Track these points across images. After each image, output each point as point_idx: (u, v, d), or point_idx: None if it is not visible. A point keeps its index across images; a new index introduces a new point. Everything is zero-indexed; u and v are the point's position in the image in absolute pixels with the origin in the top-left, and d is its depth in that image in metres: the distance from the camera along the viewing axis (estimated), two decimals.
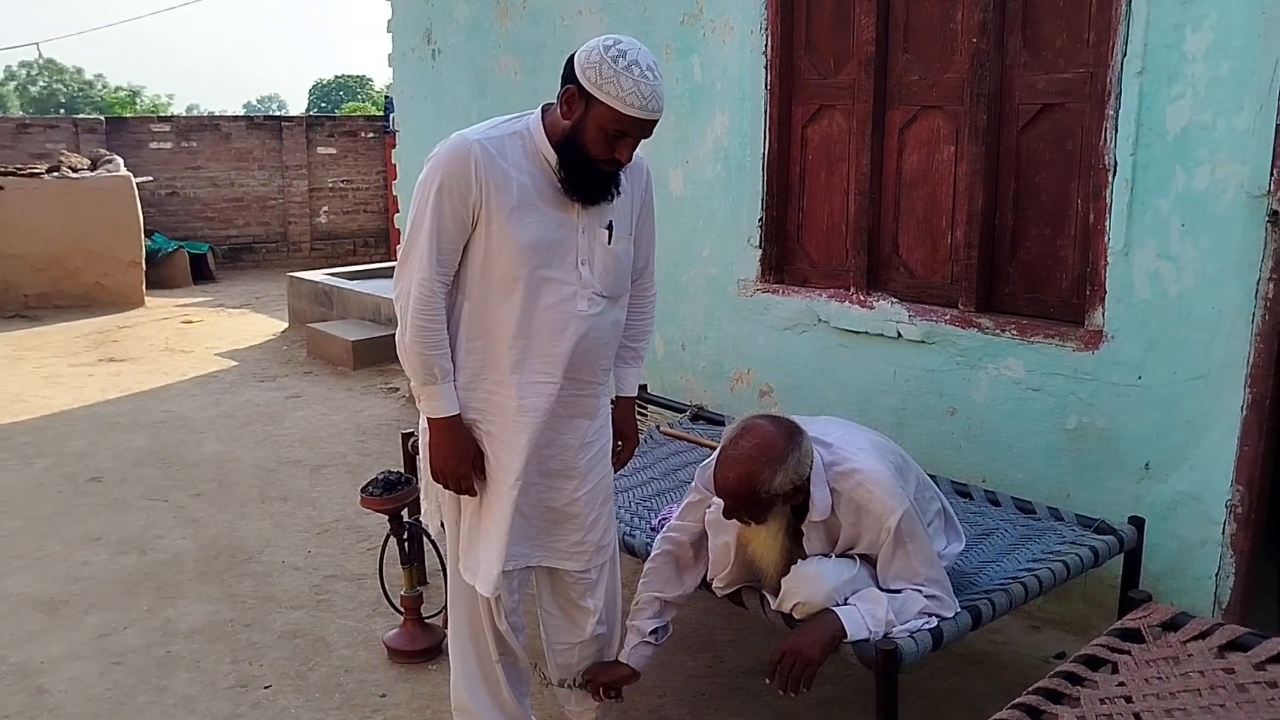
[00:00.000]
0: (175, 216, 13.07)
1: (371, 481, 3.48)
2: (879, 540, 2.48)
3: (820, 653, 2.40)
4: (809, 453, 2.43)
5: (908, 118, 3.91)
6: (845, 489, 2.46)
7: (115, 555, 4.31)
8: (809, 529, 2.51)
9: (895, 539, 2.44)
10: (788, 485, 2.39)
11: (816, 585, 2.47)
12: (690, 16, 4.57)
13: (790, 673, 2.41)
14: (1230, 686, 2.15)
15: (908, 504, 2.46)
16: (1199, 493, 3.18)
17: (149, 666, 3.42)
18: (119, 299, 10.28)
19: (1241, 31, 2.94)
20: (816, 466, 2.45)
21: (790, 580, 2.51)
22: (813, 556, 2.54)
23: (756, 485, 2.37)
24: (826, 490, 2.46)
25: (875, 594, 2.47)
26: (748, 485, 2.37)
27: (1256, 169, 2.94)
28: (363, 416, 6.36)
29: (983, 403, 3.68)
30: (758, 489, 2.37)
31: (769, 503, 2.41)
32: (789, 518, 2.51)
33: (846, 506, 2.47)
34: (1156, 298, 3.21)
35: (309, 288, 8.98)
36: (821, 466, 2.47)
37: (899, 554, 2.47)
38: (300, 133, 13.82)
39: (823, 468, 2.47)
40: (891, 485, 2.46)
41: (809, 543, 2.54)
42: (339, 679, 3.33)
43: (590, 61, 2.25)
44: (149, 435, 6.00)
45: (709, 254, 4.63)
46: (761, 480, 2.36)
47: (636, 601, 2.81)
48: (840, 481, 2.47)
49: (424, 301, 2.38)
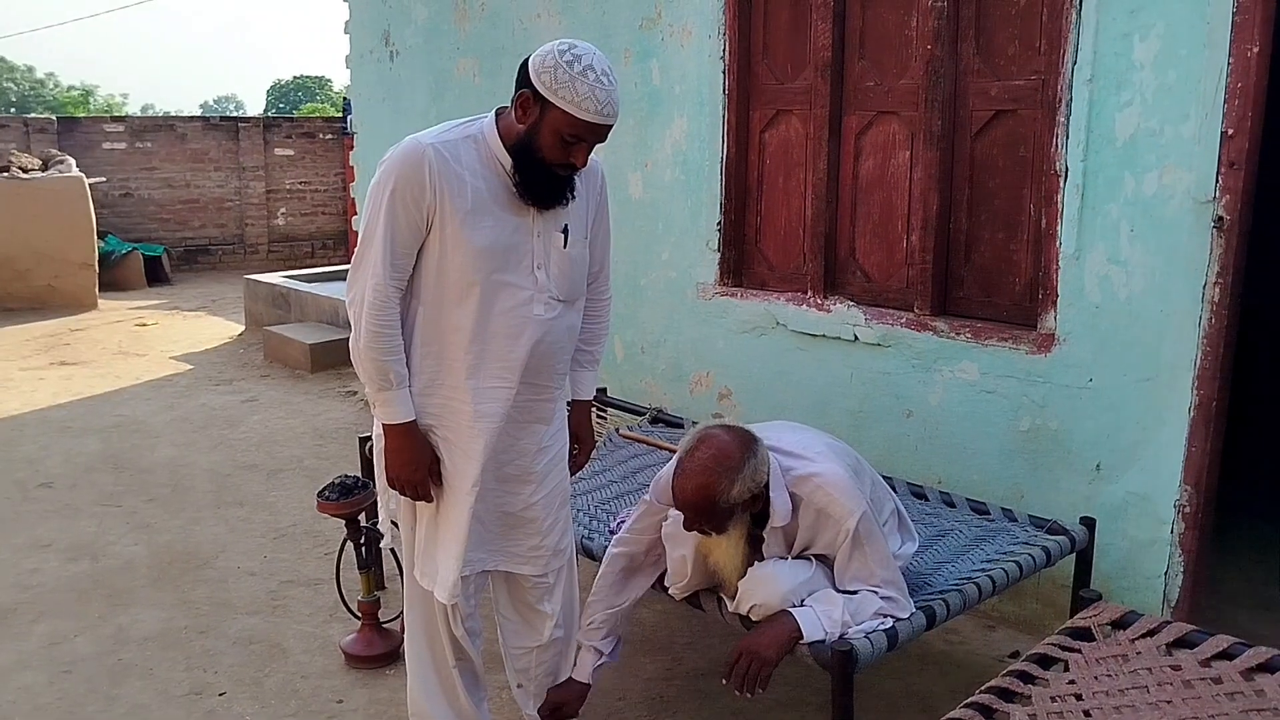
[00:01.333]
0: (129, 218, 12.89)
1: (328, 486, 3.45)
2: (836, 542, 2.50)
3: (776, 653, 2.42)
4: (765, 460, 2.44)
5: (864, 123, 3.95)
6: (804, 493, 2.48)
7: (66, 562, 4.24)
8: (769, 535, 2.52)
9: (853, 541, 2.46)
10: (745, 494, 2.40)
11: (773, 587, 2.49)
12: (649, 21, 4.58)
13: (746, 673, 2.43)
14: (1177, 683, 2.19)
15: (865, 506, 2.48)
16: (1148, 493, 3.24)
17: (100, 675, 3.37)
18: (71, 301, 10.12)
19: (1188, 40, 3.00)
20: (775, 472, 2.46)
21: (747, 582, 2.52)
22: (769, 559, 2.56)
23: (715, 496, 2.37)
24: (786, 495, 2.47)
25: (831, 595, 2.50)
26: (706, 496, 2.38)
27: (1202, 175, 3.00)
28: (320, 420, 6.31)
29: (938, 405, 3.72)
30: (716, 500, 2.38)
31: (728, 513, 2.41)
32: (749, 525, 2.51)
33: (805, 510, 2.49)
34: (1107, 301, 3.26)
35: (266, 290, 8.89)
36: (780, 472, 2.48)
37: (856, 555, 2.49)
38: (258, 134, 13.67)
39: (780, 473, 2.48)
40: (849, 488, 2.48)
41: (767, 547, 2.55)
42: (295, 685, 3.30)
43: (545, 66, 2.24)
44: (101, 440, 5.91)
45: (668, 257, 4.65)
46: (719, 491, 2.37)
47: (589, 620, 2.81)
48: (799, 485, 2.49)
49: (378, 307, 2.36)
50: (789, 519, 2.47)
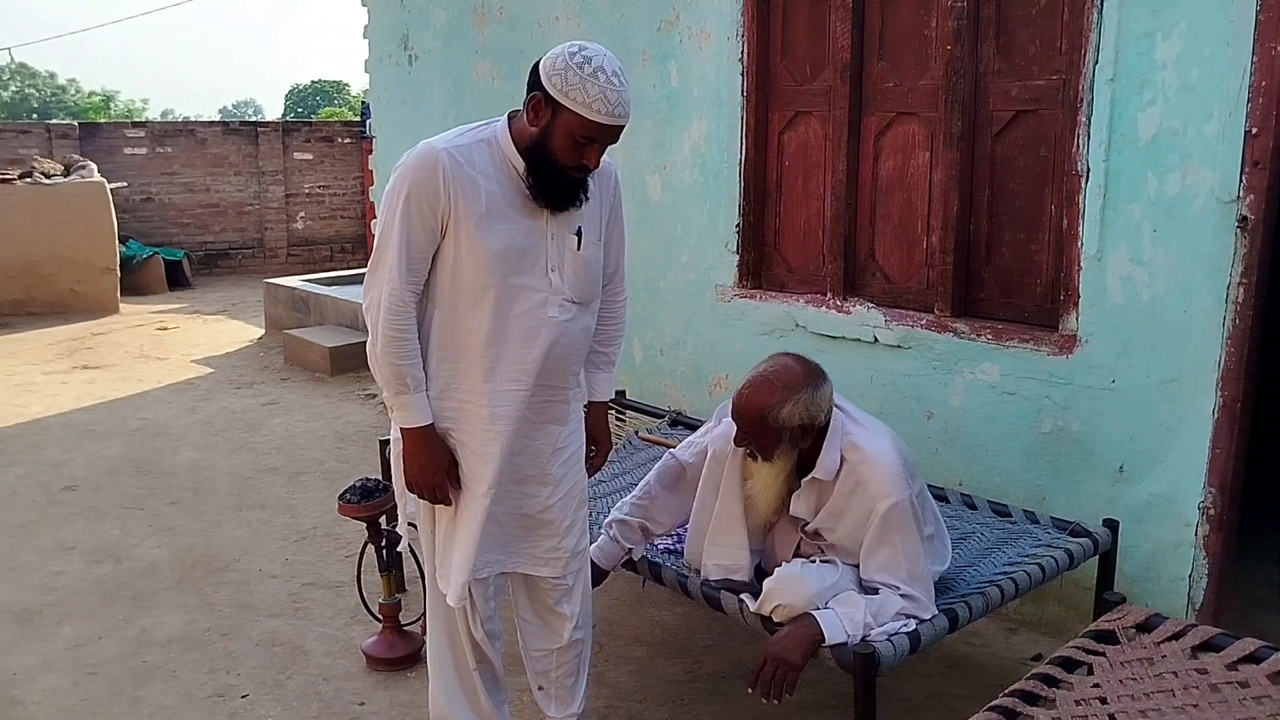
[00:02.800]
0: (150, 223, 12.97)
1: (349, 489, 3.47)
2: (864, 522, 2.50)
3: (801, 657, 2.42)
4: (827, 399, 2.51)
5: (883, 124, 3.93)
6: (853, 460, 2.52)
7: (90, 564, 4.27)
8: (806, 486, 2.58)
9: (884, 523, 2.48)
10: (795, 419, 2.46)
11: (799, 588, 2.50)
12: (667, 23, 4.58)
13: (773, 679, 2.42)
14: (1203, 687, 2.18)
15: (908, 496, 2.49)
16: (1172, 495, 3.22)
17: (124, 677, 3.39)
18: (93, 306, 10.19)
19: (1211, 39, 2.98)
20: (835, 427, 2.53)
21: (772, 582, 2.54)
22: (795, 560, 2.58)
23: (765, 409, 2.46)
24: (838, 454, 2.52)
25: (853, 597, 2.49)
26: (758, 407, 2.47)
27: (1226, 175, 2.98)
28: (340, 423, 6.33)
29: (959, 407, 3.70)
30: (765, 413, 2.46)
31: (776, 433, 2.48)
32: (793, 466, 2.55)
33: (847, 477, 2.52)
34: (1129, 302, 3.24)
35: (286, 294, 8.94)
36: (840, 431, 2.54)
37: (885, 544, 2.50)
38: (277, 138, 13.74)
39: (840, 433, 2.54)
40: (897, 473, 2.50)
41: (797, 500, 2.60)
42: (317, 687, 3.32)
43: (556, 68, 2.25)
44: (124, 443, 5.95)
45: (687, 259, 4.64)
46: (772, 405, 2.46)
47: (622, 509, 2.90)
48: (850, 451, 2.53)
49: (395, 311, 2.37)
50: (832, 476, 2.53)
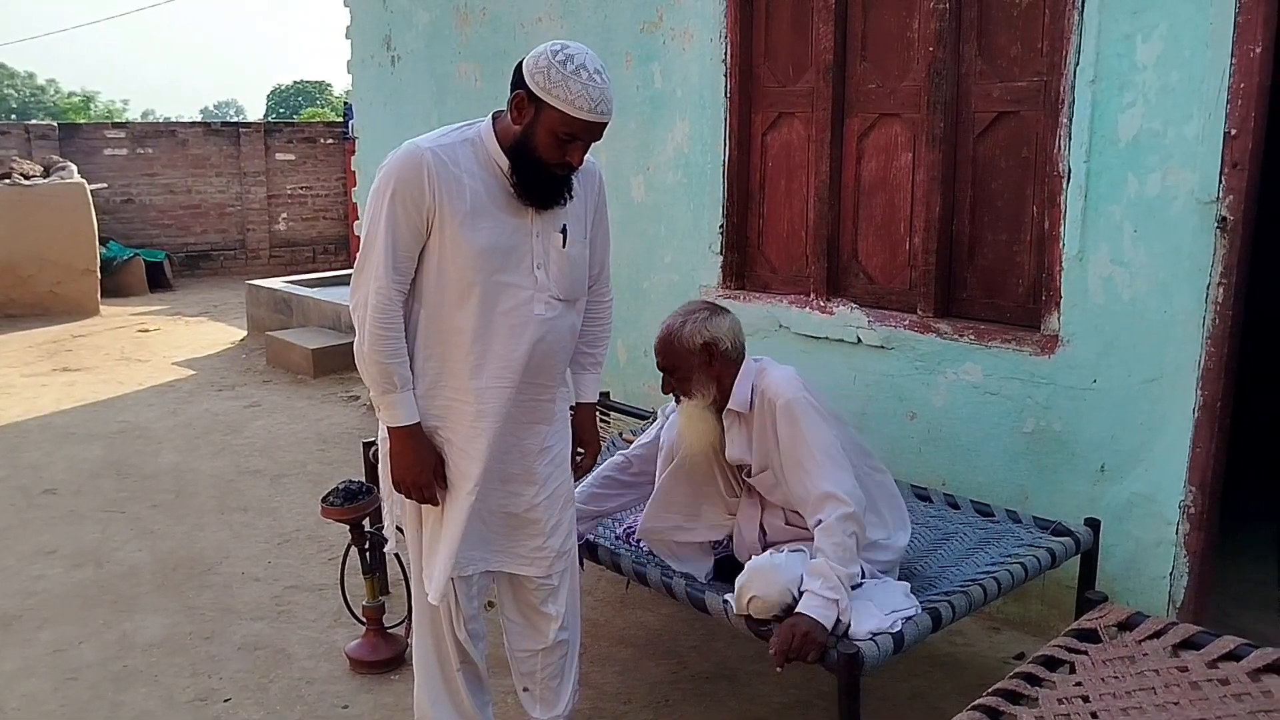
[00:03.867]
0: (131, 224, 12.90)
1: (332, 491, 3.45)
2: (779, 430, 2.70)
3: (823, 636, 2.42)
4: (727, 326, 2.80)
5: (866, 125, 3.95)
6: (761, 388, 2.77)
7: (70, 568, 4.24)
8: (728, 421, 2.82)
9: (785, 420, 2.68)
10: (698, 338, 2.77)
11: (771, 579, 2.54)
12: (650, 24, 4.58)
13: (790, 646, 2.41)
14: (1184, 684, 2.19)
15: (801, 395, 2.71)
16: (1153, 494, 3.24)
17: (105, 681, 3.37)
18: (73, 307, 10.12)
19: (1190, 41, 3.00)
20: (749, 368, 2.81)
21: (745, 575, 2.60)
22: (766, 552, 2.68)
23: (669, 331, 2.80)
24: (749, 387, 2.78)
25: (814, 565, 2.53)
26: (665, 335, 2.81)
27: (1205, 176, 3.00)
28: (323, 425, 6.31)
29: (942, 407, 3.72)
30: (670, 336, 2.79)
31: (685, 356, 2.78)
32: (714, 400, 2.82)
33: (760, 406, 2.76)
34: (1110, 302, 3.26)
35: (268, 295, 8.90)
36: (754, 371, 2.81)
37: (796, 443, 2.66)
38: (258, 139, 13.68)
39: (754, 373, 2.80)
40: (789, 381, 2.75)
41: (731, 445, 2.83)
42: (300, 690, 3.30)
43: (539, 66, 2.26)
44: (105, 446, 5.92)
45: (670, 260, 4.65)
46: (674, 329, 2.80)
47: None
48: (758, 379, 2.79)
49: (381, 310, 2.37)
50: (745, 408, 2.77)
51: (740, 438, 2.82)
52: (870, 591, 2.63)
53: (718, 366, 2.78)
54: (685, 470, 2.95)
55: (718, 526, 2.98)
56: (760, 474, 2.82)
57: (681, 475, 2.96)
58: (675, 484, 2.97)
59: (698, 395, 2.81)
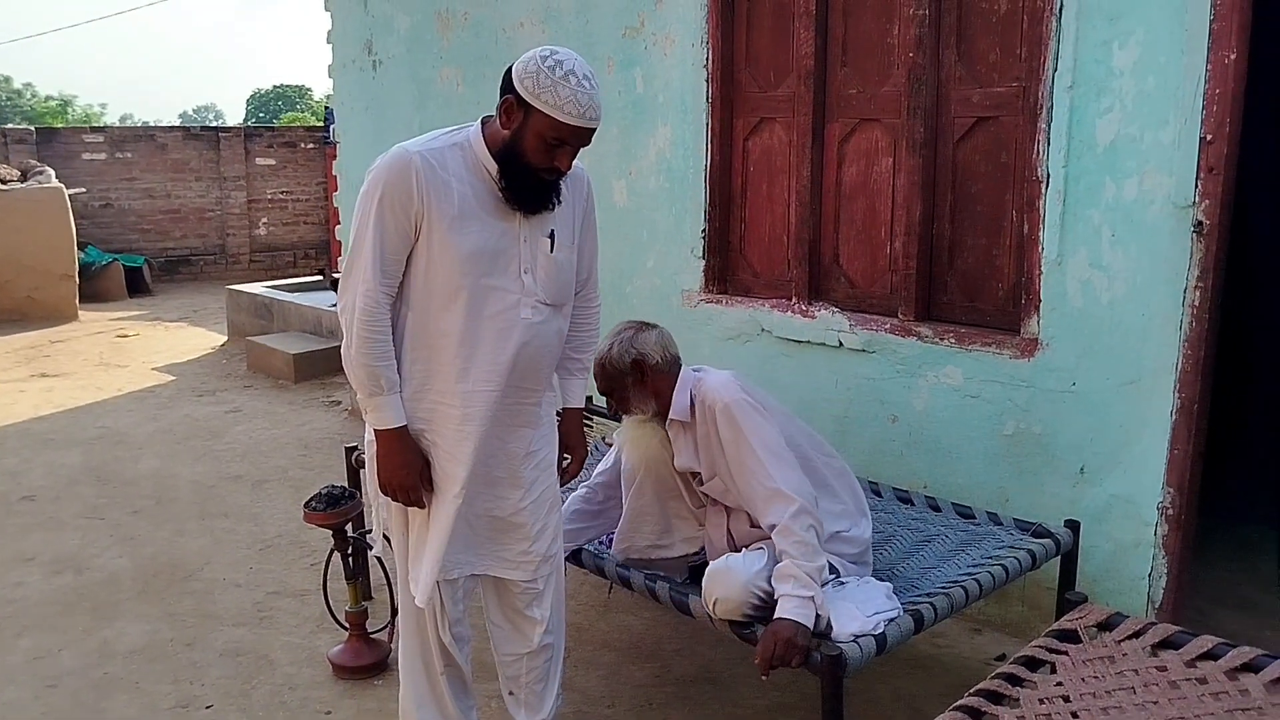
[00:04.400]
0: (109, 229, 12.82)
1: (315, 496, 3.44)
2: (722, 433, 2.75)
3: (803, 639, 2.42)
4: (653, 341, 2.87)
5: (847, 130, 3.97)
6: (699, 395, 2.83)
7: (50, 575, 4.21)
8: (672, 431, 2.88)
9: (727, 423, 2.74)
10: (626, 357, 2.85)
11: (731, 579, 2.58)
12: (632, 29, 4.60)
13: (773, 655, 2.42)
14: (1163, 684, 2.21)
15: (740, 397, 2.77)
16: (1132, 495, 3.27)
17: (86, 689, 3.34)
18: (51, 313, 10.06)
19: (1166, 47, 3.04)
20: (685, 378, 2.87)
21: (707, 580, 2.63)
22: (724, 555, 2.72)
23: (601, 358, 2.88)
24: (687, 396, 2.84)
25: (781, 569, 2.55)
26: (598, 361, 2.88)
27: (1182, 180, 3.03)
28: (305, 430, 6.29)
29: (923, 410, 3.74)
30: (603, 362, 2.88)
31: (618, 378, 2.87)
32: (655, 413, 2.89)
33: (699, 408, 2.82)
34: (1089, 306, 3.29)
35: (248, 300, 8.87)
36: (690, 380, 2.86)
37: (740, 445, 2.71)
38: (238, 143, 13.63)
39: (690, 381, 2.86)
40: (726, 384, 2.80)
41: (677, 446, 2.89)
42: (283, 697, 3.29)
43: (528, 71, 2.27)
44: (84, 452, 5.88)
45: (653, 265, 4.66)
46: (604, 353, 2.88)
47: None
48: (696, 388, 2.85)
49: (369, 313, 2.37)
50: (685, 416, 2.84)
51: (686, 447, 2.88)
52: (852, 593, 2.65)
53: (651, 381, 2.86)
54: (650, 488, 2.99)
55: (692, 540, 3.01)
56: (710, 481, 2.88)
57: (647, 494, 3.00)
58: (642, 504, 3.01)
59: (638, 411, 2.91)
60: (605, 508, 3.20)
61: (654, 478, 2.98)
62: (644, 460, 2.96)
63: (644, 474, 2.98)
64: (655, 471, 2.97)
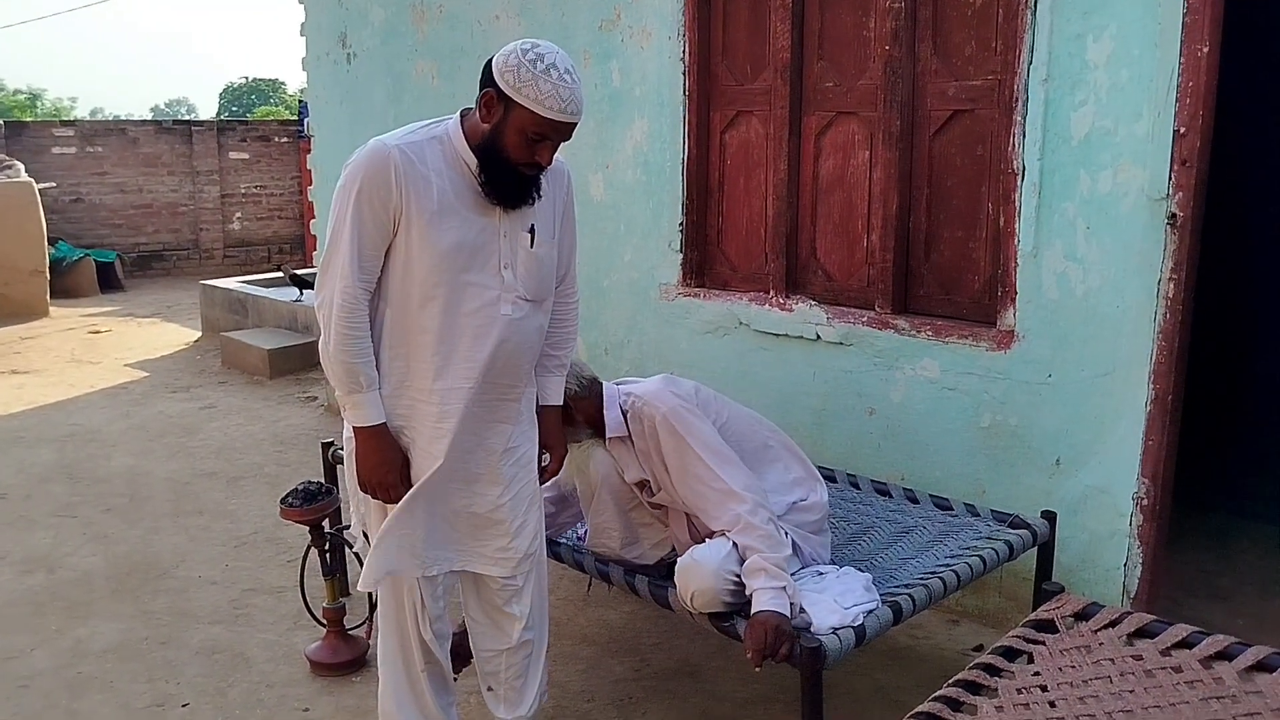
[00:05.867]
0: (81, 224, 12.68)
1: (291, 492, 3.42)
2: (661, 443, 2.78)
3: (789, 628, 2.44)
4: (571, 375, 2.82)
5: (824, 123, 3.97)
6: (630, 408, 2.87)
7: (20, 575, 4.16)
8: (613, 448, 2.91)
9: (667, 434, 2.77)
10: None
11: (701, 570, 2.59)
12: (608, 22, 4.58)
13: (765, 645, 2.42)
14: (1139, 672, 2.23)
15: (675, 403, 2.81)
16: (1107, 486, 3.29)
17: (58, 689, 3.31)
18: (22, 309, 9.94)
19: (1140, 41, 3.05)
20: (610, 394, 2.90)
21: (678, 575, 2.66)
22: (689, 549, 2.72)
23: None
24: (617, 411, 2.88)
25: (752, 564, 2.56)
26: None
27: (1155, 173, 3.06)
28: (280, 426, 6.24)
29: (900, 403, 3.76)
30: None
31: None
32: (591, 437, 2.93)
33: (634, 422, 2.85)
34: (1064, 298, 3.31)
35: (223, 296, 8.79)
36: (616, 395, 2.90)
37: (683, 450, 2.74)
38: (211, 137, 13.50)
39: (617, 396, 2.90)
40: (658, 394, 2.85)
41: (623, 462, 2.91)
42: (260, 694, 3.27)
43: (509, 65, 2.25)
44: (55, 449, 5.81)
45: (630, 259, 4.65)
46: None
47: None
48: (627, 404, 2.88)
49: (347, 309, 2.35)
50: (620, 431, 2.87)
51: (629, 460, 2.90)
52: (831, 585, 2.66)
53: (578, 410, 2.86)
54: (609, 504, 2.99)
55: (661, 544, 3.00)
56: (659, 493, 2.89)
57: (607, 509, 2.99)
58: (603, 520, 3.01)
59: (572, 440, 2.89)
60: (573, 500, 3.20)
61: (610, 492, 2.96)
62: (597, 479, 2.96)
63: (600, 491, 2.97)
64: (609, 485, 2.96)
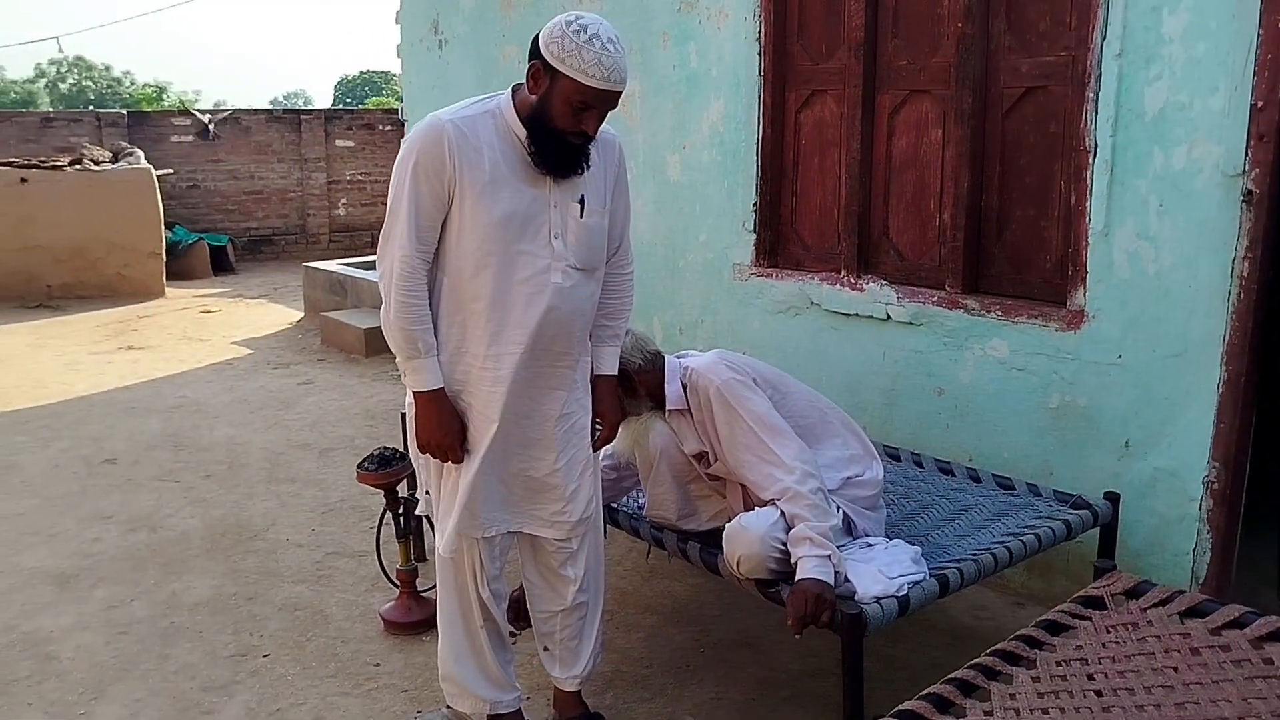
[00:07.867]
0: (196, 209, 13.26)
1: (368, 457, 3.57)
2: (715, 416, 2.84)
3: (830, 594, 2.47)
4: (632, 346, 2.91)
5: (897, 102, 3.96)
6: (689, 381, 2.93)
7: (125, 533, 4.43)
8: (672, 420, 2.99)
9: (720, 406, 2.83)
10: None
11: (749, 535, 2.63)
12: (686, 4, 4.63)
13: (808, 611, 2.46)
14: (1185, 650, 2.20)
15: (728, 376, 2.87)
16: (1177, 469, 3.22)
17: (153, 636, 3.53)
18: (140, 289, 10.45)
19: (1216, 13, 2.98)
20: (672, 368, 2.97)
21: (725, 543, 2.69)
22: (737, 515, 2.76)
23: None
24: (678, 385, 2.94)
25: (797, 534, 2.59)
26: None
27: (1231, 149, 2.98)
28: (372, 402, 6.47)
29: (969, 383, 3.73)
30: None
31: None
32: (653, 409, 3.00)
33: (692, 396, 2.92)
34: (1136, 277, 3.25)
35: (324, 277, 9.10)
36: (677, 369, 2.97)
37: (735, 425, 2.80)
38: (319, 126, 13.96)
39: (677, 370, 2.96)
40: (712, 366, 2.91)
41: (682, 434, 2.98)
42: (335, 649, 3.43)
43: (553, 36, 2.34)
44: (163, 420, 6.13)
45: (705, 239, 4.70)
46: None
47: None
48: (686, 376, 2.95)
49: (405, 278, 2.45)
50: (680, 404, 2.94)
51: (689, 433, 2.97)
52: (879, 555, 2.68)
53: (640, 383, 2.94)
54: (667, 475, 3.06)
55: (718, 515, 3.03)
56: (716, 464, 2.94)
57: (665, 480, 3.06)
58: (661, 491, 3.08)
59: (633, 413, 2.98)
60: (630, 472, 3.26)
61: (668, 464, 3.03)
62: (655, 451, 3.03)
63: (659, 462, 3.04)
64: (668, 458, 3.03)
